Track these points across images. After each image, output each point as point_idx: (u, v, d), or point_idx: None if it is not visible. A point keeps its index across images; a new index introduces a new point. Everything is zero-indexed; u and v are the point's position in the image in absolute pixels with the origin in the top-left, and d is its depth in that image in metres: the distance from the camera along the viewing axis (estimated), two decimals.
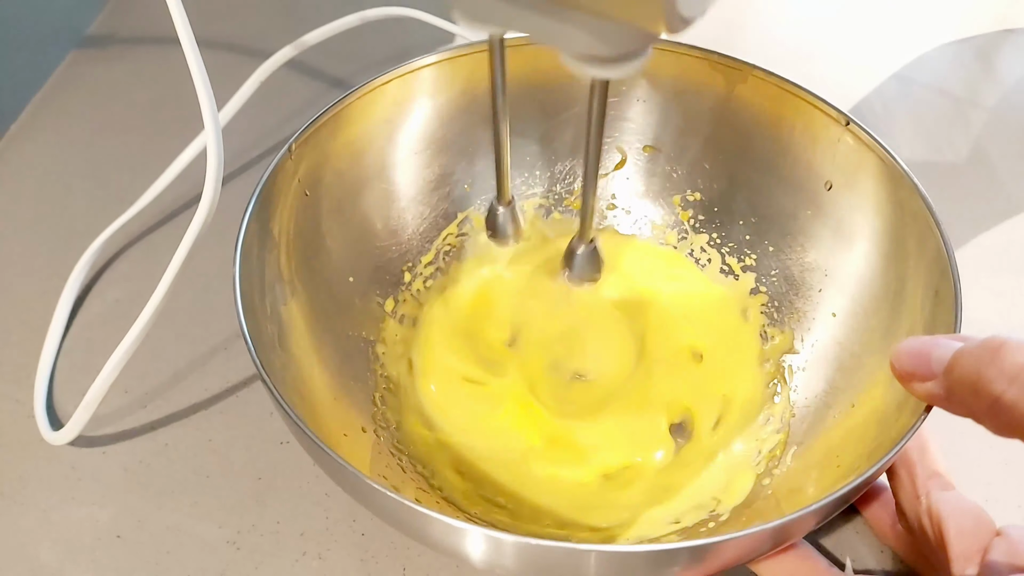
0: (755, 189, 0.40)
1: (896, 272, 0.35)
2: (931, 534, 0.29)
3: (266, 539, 0.35)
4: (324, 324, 0.36)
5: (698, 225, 0.42)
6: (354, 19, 0.51)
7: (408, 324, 0.40)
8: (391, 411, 0.37)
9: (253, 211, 0.32)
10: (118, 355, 0.35)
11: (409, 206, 0.40)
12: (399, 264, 0.40)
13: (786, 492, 0.33)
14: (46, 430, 0.37)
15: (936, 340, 0.27)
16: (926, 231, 0.33)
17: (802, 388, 0.37)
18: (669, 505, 0.35)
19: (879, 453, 0.28)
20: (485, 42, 0.38)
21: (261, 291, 0.32)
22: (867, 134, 0.35)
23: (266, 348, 0.30)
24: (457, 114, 0.40)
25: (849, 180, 0.37)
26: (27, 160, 0.51)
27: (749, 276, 0.41)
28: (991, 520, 0.29)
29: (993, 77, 0.57)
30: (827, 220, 0.38)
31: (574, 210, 0.43)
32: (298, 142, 0.35)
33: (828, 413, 0.35)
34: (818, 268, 0.38)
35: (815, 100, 0.37)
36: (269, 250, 0.33)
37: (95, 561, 0.35)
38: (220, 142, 0.34)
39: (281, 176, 0.34)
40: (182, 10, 0.33)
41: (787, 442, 0.35)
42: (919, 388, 0.27)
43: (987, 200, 0.49)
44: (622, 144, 0.42)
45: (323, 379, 0.34)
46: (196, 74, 0.33)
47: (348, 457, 0.26)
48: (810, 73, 0.37)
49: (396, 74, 0.38)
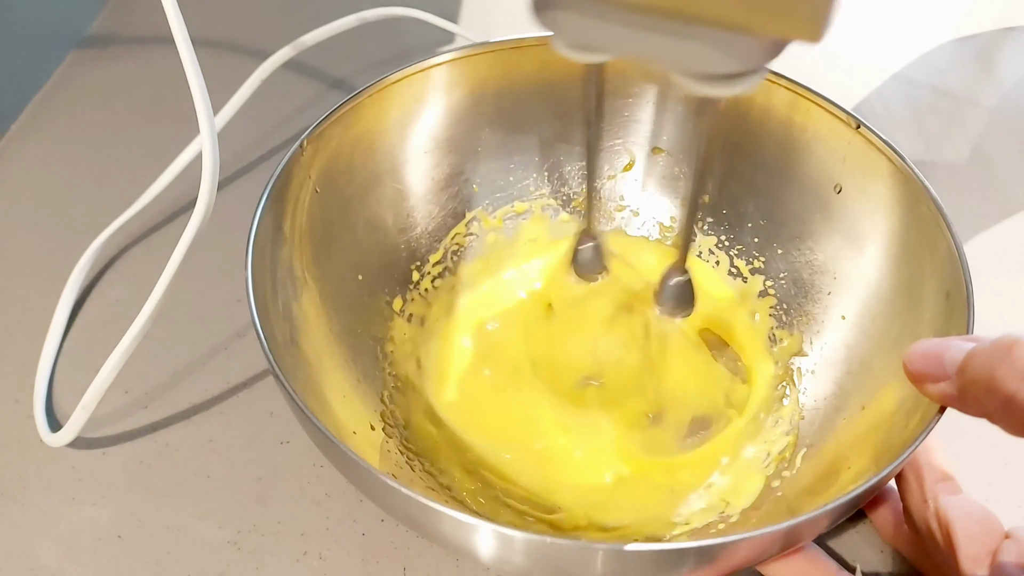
0: (764, 192, 0.40)
1: (906, 275, 0.35)
2: (939, 538, 0.29)
3: (267, 539, 0.35)
4: (334, 321, 0.36)
5: (706, 227, 0.42)
6: (353, 19, 0.51)
7: (416, 323, 0.40)
8: (399, 409, 0.37)
9: (266, 206, 0.32)
10: (115, 356, 0.35)
11: (418, 204, 0.40)
12: (408, 263, 0.40)
13: (796, 494, 0.33)
14: (45, 431, 0.37)
15: (948, 341, 0.27)
16: (937, 233, 0.33)
17: (811, 391, 0.37)
18: (679, 506, 0.34)
19: (890, 455, 0.28)
20: (493, 42, 0.39)
21: (273, 288, 0.32)
22: (878, 137, 0.35)
23: (278, 345, 0.30)
24: (467, 114, 0.40)
25: (859, 183, 0.37)
26: (27, 160, 0.50)
27: (758, 279, 0.41)
28: (1000, 523, 0.28)
29: (993, 77, 0.58)
30: (836, 223, 0.38)
31: (582, 211, 0.43)
32: (310, 138, 0.34)
33: (837, 416, 0.35)
34: (827, 271, 0.38)
35: (825, 103, 0.37)
36: (280, 246, 0.33)
37: (95, 561, 0.34)
38: (215, 146, 0.33)
39: (294, 171, 0.34)
40: (179, 14, 0.33)
41: (796, 444, 0.35)
42: (932, 389, 0.27)
43: (987, 200, 0.49)
44: (631, 146, 0.42)
45: (333, 377, 0.34)
46: (192, 78, 0.33)
47: (358, 454, 0.26)
48: (810, 73, 0.37)
49: (407, 72, 0.37)
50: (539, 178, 0.43)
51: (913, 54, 0.59)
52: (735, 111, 0.39)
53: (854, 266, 0.37)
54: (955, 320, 0.30)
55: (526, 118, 0.41)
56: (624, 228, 0.43)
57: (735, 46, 0.21)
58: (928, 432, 0.27)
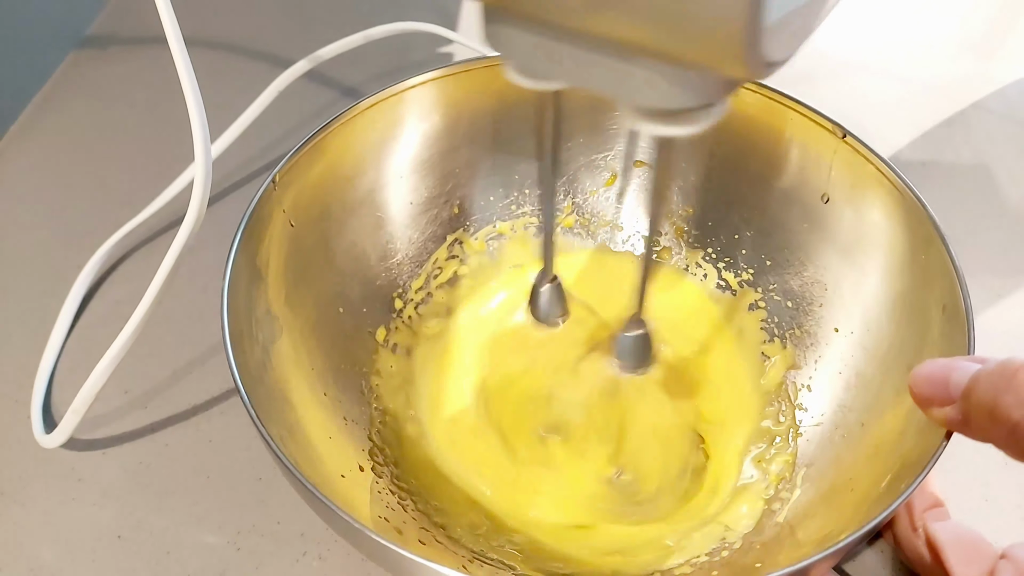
0: (749, 203, 0.39)
1: (900, 286, 0.34)
2: (932, 565, 0.29)
3: (266, 539, 0.35)
4: (317, 359, 0.35)
5: (692, 240, 0.41)
6: (379, 31, 0.51)
7: (402, 353, 0.39)
8: (389, 447, 0.36)
9: (239, 247, 0.31)
10: (106, 360, 0.35)
11: (397, 231, 0.40)
12: (389, 291, 0.39)
13: (801, 519, 0.32)
14: (40, 433, 0.37)
15: (953, 364, 0.26)
16: (929, 243, 0.32)
17: (808, 406, 0.36)
18: (677, 535, 0.33)
19: (894, 476, 0.27)
20: (467, 62, 0.38)
21: (251, 331, 0.31)
22: (864, 146, 0.34)
23: (261, 396, 0.29)
24: (442, 135, 0.39)
25: (847, 193, 0.36)
26: (27, 160, 0.51)
27: (747, 291, 0.40)
28: (991, 545, 0.28)
29: (993, 77, 0.57)
30: (824, 233, 0.37)
31: (565, 227, 0.42)
32: (282, 172, 0.34)
33: (836, 433, 0.34)
34: (818, 282, 0.37)
35: (810, 113, 0.36)
36: (257, 286, 0.32)
37: (95, 561, 0.34)
38: (208, 156, 0.33)
39: (266, 208, 0.33)
40: (180, 38, 0.33)
41: (795, 464, 0.35)
42: (937, 413, 0.26)
43: (987, 200, 0.49)
44: (613, 160, 0.41)
45: (318, 418, 0.33)
46: (188, 91, 0.33)
47: (347, 500, 0.26)
48: (810, 75, 0.37)
49: (379, 98, 0.37)
50: (520, 197, 0.42)
51: (913, 54, 0.58)
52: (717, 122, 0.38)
53: (845, 277, 0.36)
54: (955, 333, 0.30)
55: (504, 137, 0.40)
56: (608, 244, 0.43)
57: (680, 81, 0.20)
58: (936, 459, 0.26)
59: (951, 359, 0.27)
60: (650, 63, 0.19)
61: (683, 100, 0.20)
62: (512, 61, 0.23)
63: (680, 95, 0.20)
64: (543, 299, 0.34)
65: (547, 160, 0.28)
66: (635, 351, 0.31)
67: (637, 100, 0.21)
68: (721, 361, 0.39)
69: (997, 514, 0.36)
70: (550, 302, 0.34)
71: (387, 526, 0.31)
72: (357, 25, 0.51)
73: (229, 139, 0.48)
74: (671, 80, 0.19)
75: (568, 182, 0.42)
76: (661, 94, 0.20)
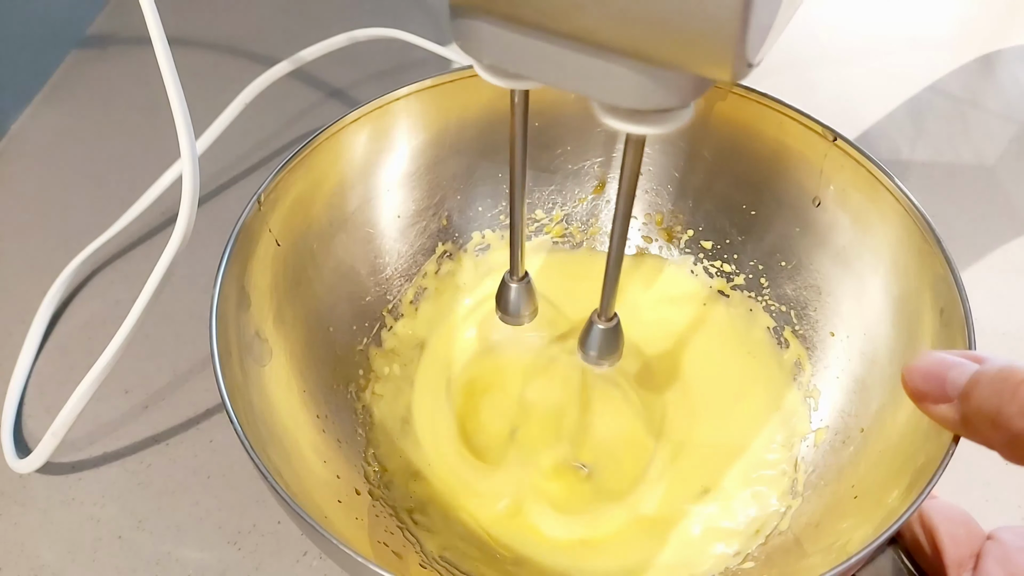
0: (739, 207, 0.39)
1: (896, 290, 0.33)
2: (924, 543, 0.29)
3: (267, 539, 0.35)
4: (308, 380, 0.34)
5: (683, 245, 0.41)
6: (355, 36, 0.51)
7: (395, 370, 0.38)
8: (384, 469, 0.35)
9: (225, 271, 0.30)
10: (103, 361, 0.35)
11: (386, 245, 0.39)
12: (379, 307, 0.39)
13: (804, 527, 0.32)
14: (12, 458, 0.37)
15: (952, 361, 0.25)
16: (924, 247, 0.31)
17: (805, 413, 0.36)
18: (679, 552, 0.33)
19: (898, 483, 0.27)
20: (450, 73, 0.37)
21: (240, 355, 0.30)
22: (855, 149, 0.34)
23: (252, 421, 0.28)
24: (429, 147, 0.39)
25: (838, 196, 0.35)
26: (27, 160, 0.51)
27: (739, 295, 0.40)
28: (979, 525, 0.28)
29: (994, 78, 0.57)
30: (817, 238, 0.36)
31: (554, 237, 0.42)
32: (267, 191, 0.33)
33: (835, 439, 0.34)
34: (812, 286, 0.37)
35: (799, 116, 0.35)
36: (245, 309, 0.32)
37: (95, 561, 0.35)
38: (196, 168, 0.33)
39: (252, 228, 0.32)
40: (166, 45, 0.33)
41: (795, 468, 0.34)
42: (933, 410, 0.26)
43: (987, 201, 0.49)
44: (601, 166, 0.41)
45: (311, 442, 0.32)
46: (173, 95, 0.33)
47: (345, 527, 0.25)
48: (810, 76, 0.36)
49: (362, 112, 0.36)
50: (508, 206, 0.41)
51: (913, 55, 0.58)
52: (707, 124, 0.38)
53: (839, 282, 0.36)
54: (954, 336, 0.29)
55: (491, 147, 0.39)
56: (593, 248, 0.42)
57: (660, 79, 0.20)
58: (945, 464, 0.26)
59: (947, 354, 0.26)
60: (628, 63, 0.19)
61: (658, 100, 0.20)
62: (481, 60, 0.22)
63: (655, 95, 0.20)
64: (512, 296, 0.33)
65: (518, 153, 0.28)
66: (604, 343, 0.31)
67: (612, 100, 0.21)
68: (718, 367, 0.39)
69: (997, 514, 0.36)
70: (519, 300, 0.33)
71: (386, 551, 0.30)
72: (345, 26, 0.51)
73: (211, 137, 0.48)
74: (648, 80, 0.20)
75: (556, 191, 0.42)
76: (637, 94, 0.20)
